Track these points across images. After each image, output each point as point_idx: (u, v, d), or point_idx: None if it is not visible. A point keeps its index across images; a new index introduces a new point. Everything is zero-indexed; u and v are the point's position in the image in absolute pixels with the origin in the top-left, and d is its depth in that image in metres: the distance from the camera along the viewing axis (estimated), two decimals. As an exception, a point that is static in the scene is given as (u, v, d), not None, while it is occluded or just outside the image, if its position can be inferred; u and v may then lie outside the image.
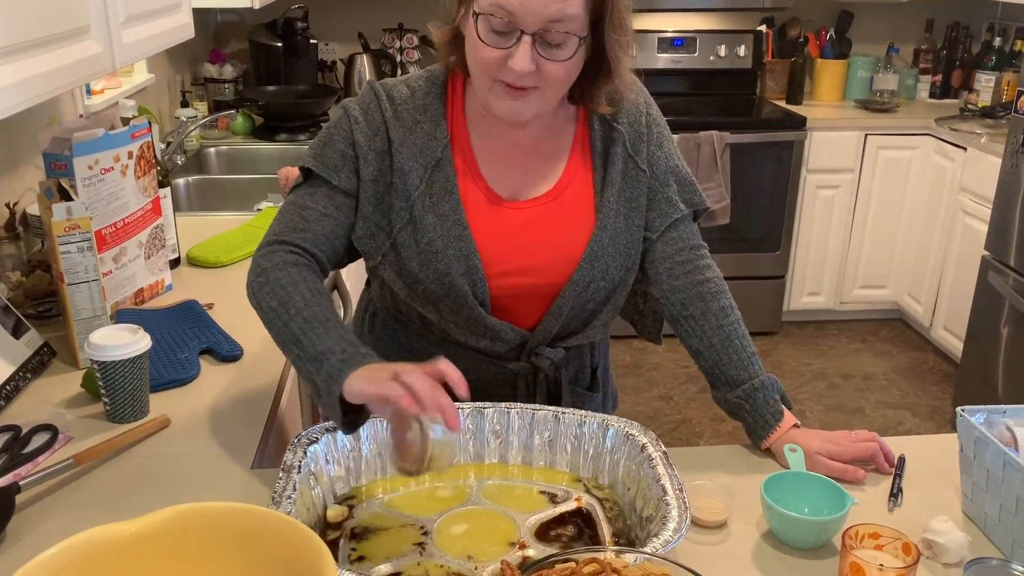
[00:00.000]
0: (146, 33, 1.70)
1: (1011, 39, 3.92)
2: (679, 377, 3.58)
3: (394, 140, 1.19)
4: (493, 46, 1.08)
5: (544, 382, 1.29)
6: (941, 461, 1.21)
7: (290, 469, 1.02)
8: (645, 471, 1.05)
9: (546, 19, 1.05)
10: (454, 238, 1.17)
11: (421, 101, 1.21)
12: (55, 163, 1.53)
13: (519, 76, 1.08)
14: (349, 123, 1.20)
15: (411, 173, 1.18)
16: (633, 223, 1.24)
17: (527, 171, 1.23)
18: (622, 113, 1.25)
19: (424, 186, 1.18)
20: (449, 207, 1.18)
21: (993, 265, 3.06)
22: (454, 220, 1.18)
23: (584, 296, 1.23)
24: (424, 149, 1.19)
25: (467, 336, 1.23)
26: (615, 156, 1.23)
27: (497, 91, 1.11)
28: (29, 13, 1.22)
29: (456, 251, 1.17)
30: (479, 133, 1.22)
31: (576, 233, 1.22)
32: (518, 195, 1.22)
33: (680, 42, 3.97)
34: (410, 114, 1.20)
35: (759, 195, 3.72)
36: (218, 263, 1.91)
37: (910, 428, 3.28)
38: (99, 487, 1.15)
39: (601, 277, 1.22)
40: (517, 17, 1.05)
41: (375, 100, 1.21)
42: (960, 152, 3.49)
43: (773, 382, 1.23)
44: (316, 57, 3.74)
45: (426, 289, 1.19)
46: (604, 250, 1.21)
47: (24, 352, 1.42)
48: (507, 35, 1.07)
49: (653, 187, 1.25)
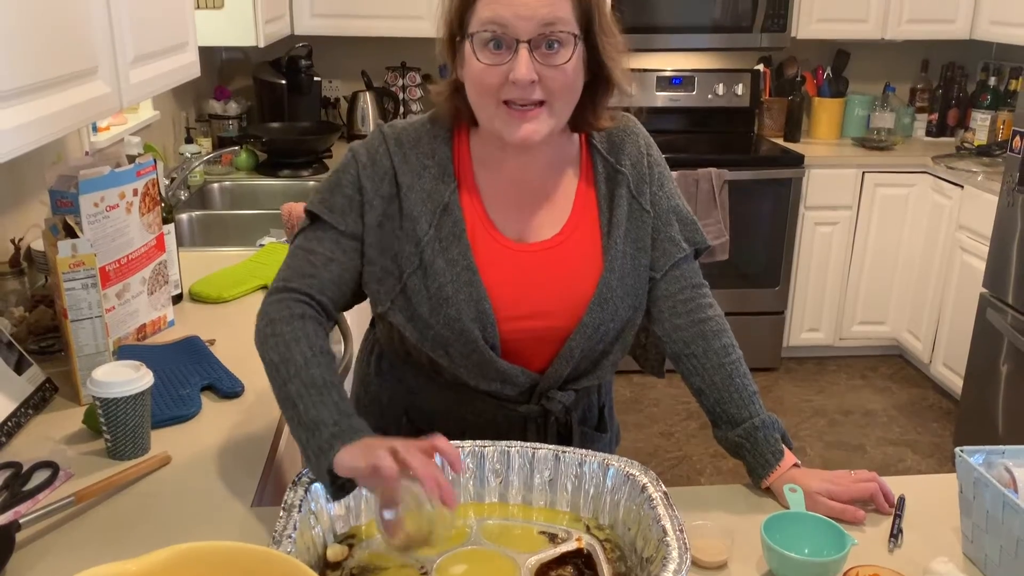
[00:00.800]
0: (153, 72, 1.73)
1: (1006, 79, 3.97)
2: (680, 413, 3.57)
3: (402, 185, 1.19)
4: (492, 64, 1.09)
5: (555, 424, 1.29)
6: (941, 501, 1.21)
7: (291, 508, 1.02)
8: (646, 511, 1.05)
9: (539, 23, 1.07)
10: (464, 283, 1.17)
11: (428, 146, 1.21)
12: (61, 200, 1.55)
13: (523, 88, 1.08)
14: (356, 167, 1.21)
15: (420, 218, 1.18)
16: (640, 264, 1.25)
17: (534, 214, 1.23)
18: (624, 155, 1.26)
19: (433, 231, 1.18)
20: (458, 252, 1.18)
21: (991, 302, 3.07)
22: (464, 265, 1.18)
23: (594, 338, 1.23)
24: (432, 194, 1.19)
25: (478, 380, 1.22)
26: (620, 198, 1.24)
27: (503, 116, 1.12)
28: (41, 55, 1.24)
29: (466, 296, 1.17)
30: (486, 177, 1.23)
31: (584, 276, 1.22)
32: (526, 238, 1.23)
33: (678, 80, 4.02)
34: (418, 159, 1.20)
35: (758, 231, 3.74)
36: (220, 299, 1.92)
37: (911, 465, 3.27)
38: (99, 525, 1.15)
39: (611, 319, 1.23)
40: (511, 27, 1.07)
41: (383, 144, 1.21)
42: (957, 190, 3.52)
43: (774, 421, 1.24)
44: (319, 94, 3.78)
45: (436, 334, 1.19)
46: (613, 292, 1.22)
47: (26, 388, 1.43)
48: (504, 50, 1.08)
49: (656, 227, 1.26)
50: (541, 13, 1.06)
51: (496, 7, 1.07)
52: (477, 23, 1.08)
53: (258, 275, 2.04)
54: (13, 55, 1.16)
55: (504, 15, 1.06)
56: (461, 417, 1.28)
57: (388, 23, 3.55)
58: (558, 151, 1.24)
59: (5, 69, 1.14)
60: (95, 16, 1.44)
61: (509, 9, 1.06)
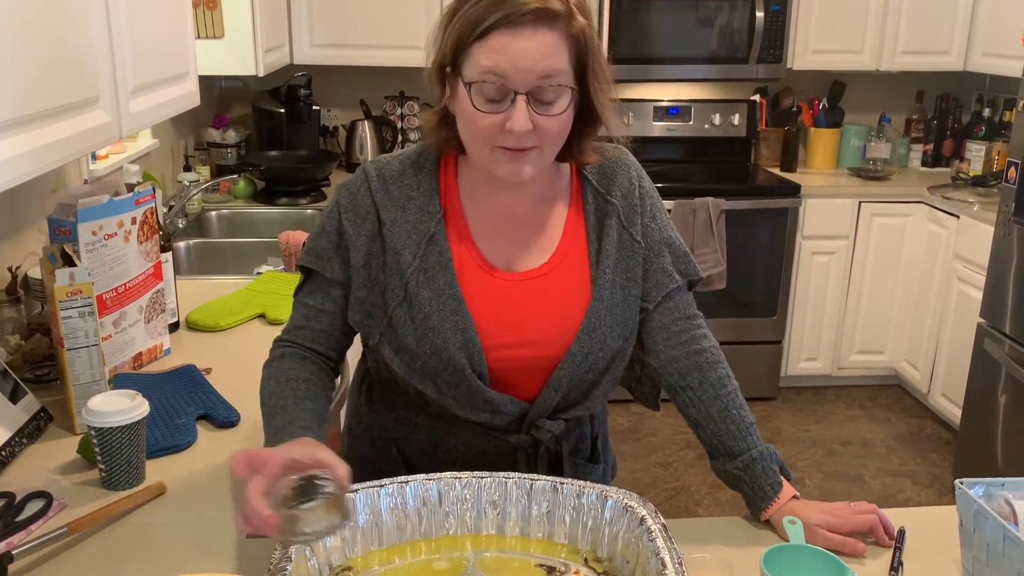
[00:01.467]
0: (154, 102, 1.74)
1: (1000, 110, 4.01)
2: (677, 443, 3.56)
3: (384, 221, 1.20)
4: (489, 112, 1.09)
5: (545, 455, 1.28)
6: (941, 533, 1.21)
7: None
8: (644, 544, 1.04)
9: (537, 76, 1.07)
10: (450, 312, 1.18)
11: (413, 178, 1.22)
12: (59, 228, 1.55)
13: (519, 137, 1.09)
14: (338, 211, 1.23)
15: (404, 251, 1.19)
16: (630, 293, 1.25)
17: (522, 243, 1.23)
18: (615, 186, 1.26)
19: (418, 262, 1.19)
20: (444, 281, 1.18)
21: (989, 332, 3.07)
22: (449, 294, 1.18)
23: (583, 367, 1.23)
24: (417, 225, 1.20)
25: (466, 410, 1.22)
26: (609, 228, 1.24)
27: (497, 156, 1.13)
28: (42, 85, 1.25)
29: (452, 325, 1.17)
30: (473, 206, 1.23)
31: (572, 305, 1.22)
32: (514, 267, 1.23)
33: (675, 111, 4.05)
34: (402, 191, 1.21)
35: (755, 261, 3.75)
36: (217, 327, 1.91)
37: (910, 496, 3.25)
38: (93, 556, 1.14)
39: (599, 348, 1.22)
40: (510, 79, 1.07)
41: (365, 183, 1.22)
42: (953, 220, 3.54)
43: (772, 453, 1.23)
44: (318, 123, 3.80)
45: (424, 364, 1.19)
46: (601, 321, 1.22)
47: (21, 417, 1.42)
48: (501, 100, 1.09)
49: (648, 258, 1.27)
50: (539, 67, 1.07)
51: (496, 58, 1.07)
52: (475, 70, 1.09)
53: (255, 304, 2.04)
54: (14, 85, 1.16)
55: (503, 67, 1.07)
56: (451, 448, 1.27)
57: (387, 53, 3.59)
58: (548, 183, 1.25)
59: (6, 99, 1.14)
60: (97, 46, 1.45)
61: (509, 61, 1.06)
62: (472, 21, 1.07)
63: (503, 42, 1.06)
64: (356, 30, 3.56)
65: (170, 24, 1.88)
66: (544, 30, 1.07)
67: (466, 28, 1.08)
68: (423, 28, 3.55)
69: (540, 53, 1.07)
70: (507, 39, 1.06)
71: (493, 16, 1.06)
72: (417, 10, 3.55)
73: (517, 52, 1.06)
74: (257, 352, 1.79)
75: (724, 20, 3.73)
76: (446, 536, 1.13)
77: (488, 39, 1.07)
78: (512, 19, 1.05)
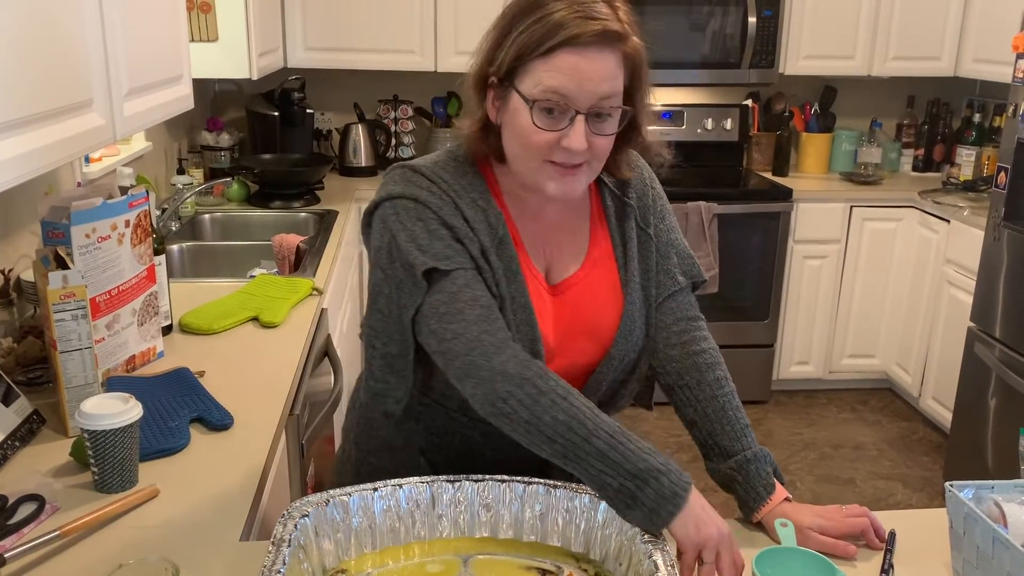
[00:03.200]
0: (148, 105, 1.74)
1: (990, 115, 4.03)
2: (670, 446, 3.57)
3: (468, 218, 1.16)
4: (547, 129, 1.10)
5: None
6: (932, 536, 1.21)
7: (280, 543, 1.01)
8: (637, 545, 1.05)
9: (599, 97, 1.09)
10: (522, 322, 1.17)
11: (466, 180, 1.19)
12: (53, 231, 1.55)
13: (574, 155, 1.11)
14: (431, 211, 1.15)
15: (490, 250, 1.17)
16: (650, 293, 1.29)
17: (559, 250, 1.25)
18: (631, 188, 1.29)
19: (497, 261, 1.17)
20: (516, 288, 1.17)
21: (979, 336, 3.09)
22: (521, 303, 1.17)
23: (619, 369, 1.25)
24: (489, 225, 1.18)
25: None
26: (630, 230, 1.27)
27: (548, 172, 1.13)
28: (36, 88, 1.25)
29: (523, 335, 1.17)
30: (515, 215, 1.23)
31: (608, 310, 1.24)
32: (553, 276, 1.24)
33: (668, 115, 4.06)
34: (465, 191, 1.18)
35: (747, 265, 3.76)
36: (210, 330, 1.91)
37: (901, 499, 3.27)
38: (85, 559, 1.13)
39: (633, 349, 1.25)
40: (572, 98, 1.09)
41: (431, 183, 1.16)
42: (944, 224, 3.56)
43: (766, 455, 1.24)
44: (312, 126, 3.80)
45: None
46: (635, 323, 1.25)
47: (13, 420, 1.41)
48: (557, 117, 1.10)
49: (657, 258, 1.29)
50: (603, 88, 1.09)
51: (563, 79, 1.07)
52: (538, 88, 1.09)
53: (249, 307, 2.04)
54: (7, 88, 1.16)
55: (568, 87, 1.08)
56: (481, 455, 1.27)
57: (381, 57, 3.59)
58: None
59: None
60: (91, 49, 1.45)
61: (574, 83, 1.08)
62: (537, 38, 1.08)
63: (570, 62, 1.07)
64: (350, 34, 3.56)
65: (164, 27, 1.88)
66: (608, 51, 1.09)
67: (529, 44, 1.09)
68: (417, 32, 3.56)
69: (603, 74, 1.09)
70: (574, 59, 1.07)
71: (560, 35, 1.07)
72: (411, 14, 3.56)
73: (583, 73, 1.08)
74: (250, 355, 1.81)
75: (717, 25, 3.75)
76: (440, 538, 1.13)
77: (552, 58, 1.08)
78: (579, 40, 1.07)
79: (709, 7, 3.72)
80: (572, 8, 1.08)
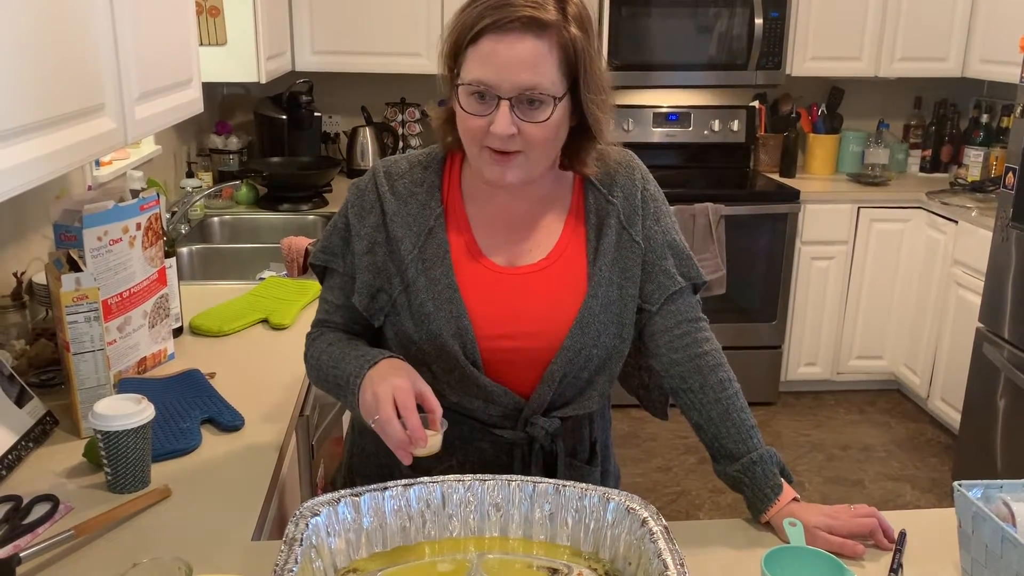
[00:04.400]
0: (158, 108, 1.75)
1: (997, 116, 4.02)
2: (678, 448, 3.57)
3: (387, 212, 1.26)
4: (475, 113, 1.14)
5: (540, 453, 1.29)
6: (941, 536, 1.22)
7: (292, 542, 1.02)
8: (646, 545, 1.05)
9: (521, 86, 1.11)
10: (445, 300, 1.22)
11: (419, 175, 1.28)
12: (65, 234, 1.56)
13: (502, 139, 1.14)
14: (346, 208, 1.30)
15: (404, 240, 1.24)
16: (626, 293, 1.27)
17: (522, 240, 1.27)
18: (617, 187, 1.29)
19: (417, 251, 1.24)
20: (441, 271, 1.23)
21: (988, 337, 3.08)
22: (445, 283, 1.23)
23: (576, 363, 1.24)
24: (418, 218, 1.26)
25: (460, 396, 1.25)
26: (608, 228, 1.27)
27: (485, 157, 1.17)
28: (48, 92, 1.26)
29: (447, 313, 1.22)
30: (476, 205, 1.28)
31: (567, 300, 1.25)
32: (513, 263, 1.26)
33: (675, 117, 4.06)
34: (406, 187, 1.27)
35: (754, 266, 3.76)
36: (220, 332, 1.92)
37: (910, 500, 3.26)
38: (99, 559, 1.15)
39: (592, 344, 1.24)
40: (494, 86, 1.12)
41: (372, 180, 1.29)
42: (952, 225, 3.55)
43: (772, 455, 1.24)
44: (320, 129, 3.82)
45: (419, 350, 1.24)
46: (595, 317, 1.24)
47: (27, 421, 1.43)
48: (487, 102, 1.13)
49: (649, 260, 1.29)
50: (523, 77, 1.11)
51: (483, 69, 1.12)
52: (466, 74, 1.14)
53: (258, 308, 2.05)
54: (20, 92, 1.18)
55: (489, 77, 1.11)
56: (447, 443, 1.28)
57: (387, 60, 3.60)
58: (550, 188, 1.28)
59: (12, 106, 1.16)
60: (102, 53, 1.47)
61: (494, 72, 1.11)
62: (467, 25, 1.13)
63: (490, 48, 1.11)
64: (357, 37, 3.58)
65: (174, 32, 1.89)
66: (531, 38, 1.10)
67: (462, 32, 1.14)
68: (424, 35, 3.57)
69: (524, 62, 1.10)
70: (494, 45, 1.11)
71: (484, 21, 1.11)
72: (418, 17, 3.57)
73: (501, 59, 1.11)
74: (260, 356, 1.82)
75: (723, 27, 3.75)
76: (450, 538, 1.14)
77: (478, 44, 1.12)
78: (500, 25, 1.10)
79: (715, 9, 3.72)
80: None
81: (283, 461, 1.46)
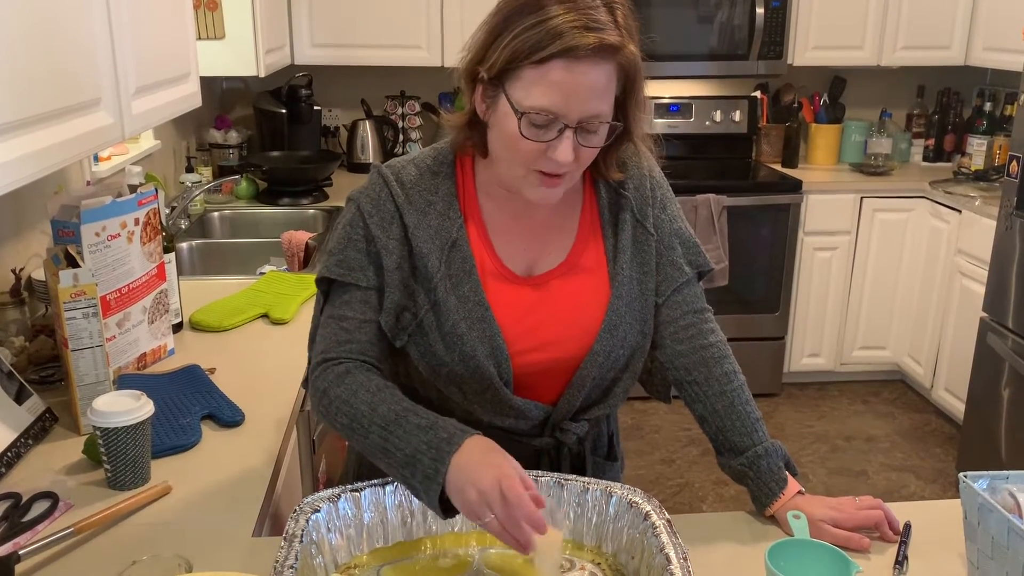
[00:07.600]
0: (156, 103, 1.74)
1: (1001, 104, 4.00)
2: (681, 440, 3.56)
3: (409, 225, 1.18)
4: (535, 140, 1.08)
5: (568, 456, 1.27)
6: (947, 527, 1.21)
7: (292, 538, 1.01)
8: (649, 539, 1.04)
9: (588, 114, 1.07)
10: (477, 319, 1.17)
11: (431, 182, 1.20)
12: (63, 230, 1.55)
13: (560, 166, 1.10)
14: (363, 218, 1.19)
15: (430, 256, 1.17)
16: (646, 288, 1.25)
17: (539, 244, 1.23)
18: (628, 178, 1.26)
19: (444, 267, 1.17)
20: (469, 288, 1.17)
21: (992, 327, 3.07)
22: (475, 301, 1.17)
23: (605, 366, 1.22)
24: (439, 230, 1.18)
25: (491, 416, 1.21)
26: (624, 223, 1.24)
27: (532, 179, 1.13)
28: (44, 87, 1.25)
29: (480, 333, 1.17)
30: (490, 211, 1.22)
31: (592, 304, 1.22)
32: (532, 270, 1.22)
33: (676, 108, 4.05)
34: (421, 196, 1.19)
35: (757, 257, 3.75)
36: (221, 327, 1.91)
37: (914, 491, 3.25)
38: (99, 556, 1.14)
39: (620, 345, 1.22)
40: (561, 115, 1.07)
41: (384, 187, 1.20)
42: (955, 215, 3.54)
43: (777, 449, 1.23)
44: (319, 123, 3.81)
45: (451, 371, 1.18)
46: (622, 318, 1.21)
47: (26, 418, 1.42)
48: (548, 129, 1.08)
49: (659, 251, 1.26)
50: (590, 106, 1.07)
51: (551, 97, 1.05)
52: (527, 96, 1.06)
53: (258, 303, 2.04)
54: (16, 87, 1.17)
55: (558, 106, 1.06)
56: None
57: (387, 53, 3.59)
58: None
59: (8, 101, 1.15)
60: (99, 48, 1.46)
61: (562, 101, 1.05)
62: (531, 44, 1.04)
63: (561, 76, 1.04)
64: (356, 30, 3.56)
65: (171, 25, 1.88)
66: (603, 65, 1.06)
67: (523, 50, 1.05)
68: (423, 28, 3.56)
69: (595, 91, 1.06)
70: (565, 73, 1.04)
71: (555, 45, 1.03)
72: (417, 10, 3.55)
73: (574, 88, 1.05)
74: (261, 352, 1.81)
75: (724, 17, 3.73)
76: (451, 533, 1.13)
77: (545, 67, 1.05)
78: (575, 53, 1.04)
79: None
80: (571, 15, 1.04)
81: (284, 457, 1.45)
